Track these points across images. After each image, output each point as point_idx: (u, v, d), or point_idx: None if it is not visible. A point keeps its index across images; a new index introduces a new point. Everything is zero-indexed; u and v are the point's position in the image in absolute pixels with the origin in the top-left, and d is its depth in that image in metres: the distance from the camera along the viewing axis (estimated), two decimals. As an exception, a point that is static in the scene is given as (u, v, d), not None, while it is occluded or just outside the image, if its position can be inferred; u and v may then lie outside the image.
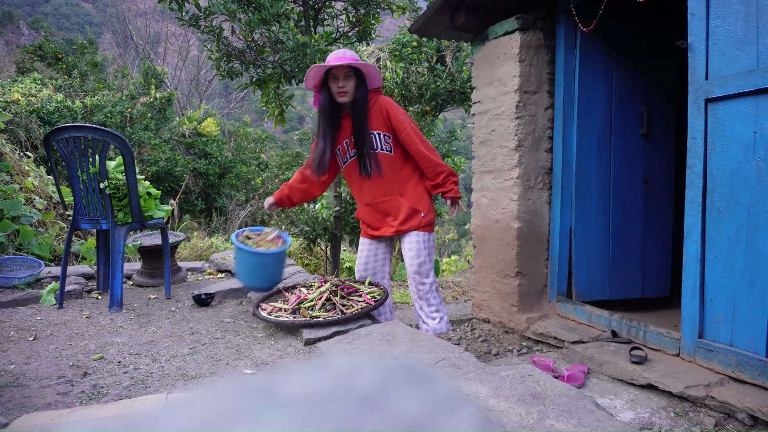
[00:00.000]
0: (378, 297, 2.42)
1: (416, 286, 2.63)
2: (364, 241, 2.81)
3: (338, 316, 2.18)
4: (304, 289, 2.51)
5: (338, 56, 2.45)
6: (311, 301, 2.29)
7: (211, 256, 4.45)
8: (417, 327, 2.86)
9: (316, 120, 2.61)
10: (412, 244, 2.59)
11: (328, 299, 2.29)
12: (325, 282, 2.57)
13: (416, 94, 7.07)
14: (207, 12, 3.88)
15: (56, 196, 5.26)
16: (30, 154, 6.39)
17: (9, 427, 1.53)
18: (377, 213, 2.65)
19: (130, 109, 10.71)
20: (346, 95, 2.46)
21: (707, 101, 2.31)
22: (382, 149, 2.54)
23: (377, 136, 2.53)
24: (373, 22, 4.55)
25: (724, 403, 2.07)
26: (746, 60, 2.14)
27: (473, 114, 3.61)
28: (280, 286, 2.79)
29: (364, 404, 0.27)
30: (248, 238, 2.66)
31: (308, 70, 2.42)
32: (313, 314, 2.17)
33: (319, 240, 5.61)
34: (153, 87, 12.45)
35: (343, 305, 2.22)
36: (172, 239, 3.74)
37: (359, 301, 2.38)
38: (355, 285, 2.58)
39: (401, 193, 2.58)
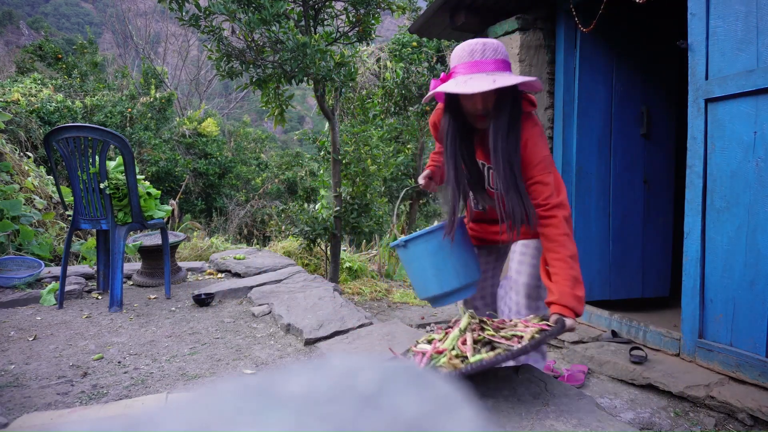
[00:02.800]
0: (547, 325, 1.58)
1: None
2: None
3: (512, 347, 1.41)
4: (424, 345, 1.63)
5: (474, 61, 1.62)
6: (452, 350, 1.47)
7: (211, 256, 4.45)
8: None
9: (443, 127, 1.80)
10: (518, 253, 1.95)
11: (479, 340, 1.50)
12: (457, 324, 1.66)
13: (416, 94, 7.07)
14: (207, 12, 3.88)
15: (56, 196, 5.26)
16: (30, 154, 6.39)
17: (9, 427, 1.53)
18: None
19: (130, 109, 10.71)
20: (485, 120, 1.73)
21: (707, 101, 2.31)
22: (492, 187, 1.90)
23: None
24: (373, 22, 4.55)
25: (724, 403, 2.07)
26: (746, 60, 2.14)
27: (473, 114, 3.61)
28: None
29: (364, 404, 0.27)
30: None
31: (433, 88, 1.70)
32: (472, 360, 1.40)
33: (319, 240, 5.61)
34: (153, 87, 12.45)
35: (506, 337, 1.47)
36: (172, 239, 3.74)
37: (523, 330, 1.54)
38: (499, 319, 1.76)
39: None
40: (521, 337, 1.48)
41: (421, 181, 2.09)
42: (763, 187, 2.11)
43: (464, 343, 1.47)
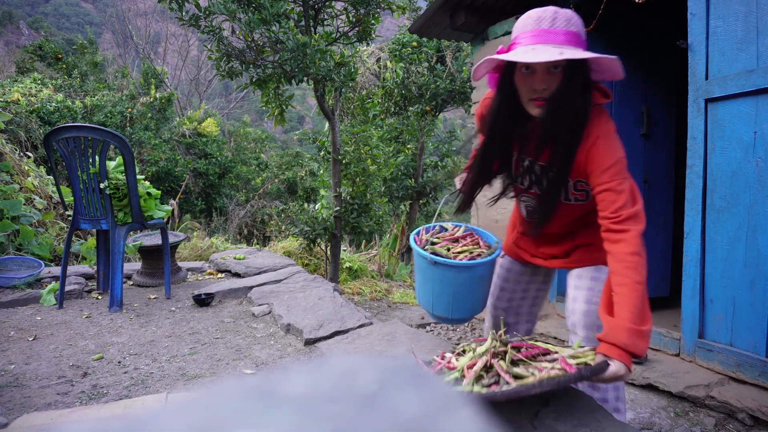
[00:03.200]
0: (590, 362, 1.30)
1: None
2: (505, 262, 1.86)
3: (509, 386, 1.21)
4: (449, 355, 1.43)
5: (541, 29, 1.33)
6: (458, 371, 1.31)
7: (211, 256, 4.46)
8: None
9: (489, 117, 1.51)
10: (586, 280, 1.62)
11: (489, 367, 1.30)
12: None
13: (416, 94, 7.07)
14: (207, 12, 3.88)
15: (56, 196, 5.26)
16: (30, 154, 6.39)
17: (9, 427, 1.53)
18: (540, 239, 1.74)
19: (130, 109, 10.72)
20: (543, 106, 1.38)
21: (707, 101, 2.31)
22: (567, 199, 1.54)
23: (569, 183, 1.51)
24: (373, 22, 4.55)
25: (724, 403, 2.07)
26: (746, 60, 2.14)
27: (473, 114, 3.61)
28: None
29: (364, 404, 0.27)
30: (432, 243, 1.72)
31: (483, 61, 1.39)
32: (465, 388, 1.26)
33: (319, 240, 5.61)
34: (153, 87, 12.45)
35: (516, 376, 1.26)
36: (172, 239, 3.74)
37: (552, 368, 1.27)
38: (544, 345, 1.42)
39: (576, 234, 1.66)
40: (533, 376, 1.23)
41: (458, 183, 1.75)
42: (763, 187, 2.11)
43: (470, 367, 1.27)
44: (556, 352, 1.29)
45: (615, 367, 1.23)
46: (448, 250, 1.67)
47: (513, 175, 1.59)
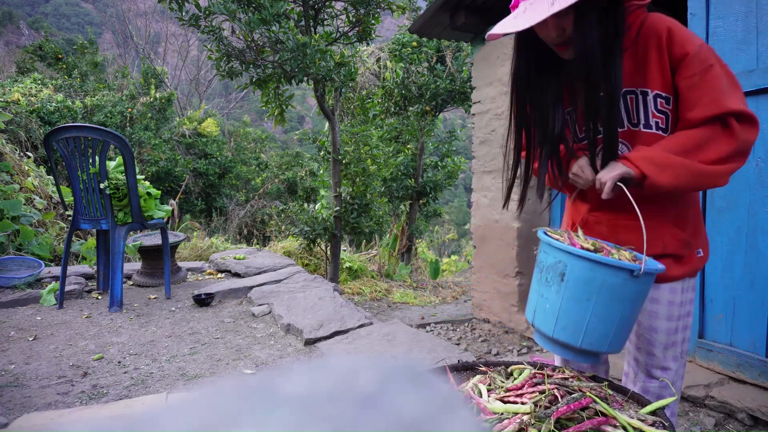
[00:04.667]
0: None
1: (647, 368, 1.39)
2: None
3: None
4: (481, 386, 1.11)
5: None
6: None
7: (211, 256, 4.45)
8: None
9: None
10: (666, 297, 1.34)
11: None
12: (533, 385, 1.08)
13: (416, 94, 7.07)
14: (207, 12, 3.88)
15: (56, 196, 5.26)
16: (30, 154, 6.39)
17: (9, 427, 1.53)
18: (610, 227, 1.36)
19: (130, 109, 10.72)
20: (567, 49, 1.21)
21: (707, 101, 2.31)
22: (647, 125, 1.24)
23: (643, 97, 1.22)
24: (373, 22, 4.55)
25: (724, 403, 2.07)
26: (746, 60, 2.14)
27: (473, 114, 3.61)
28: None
29: (364, 404, 0.27)
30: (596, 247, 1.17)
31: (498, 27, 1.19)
32: None
33: (319, 240, 5.61)
34: (153, 87, 12.46)
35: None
36: (172, 239, 3.74)
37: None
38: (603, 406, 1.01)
39: (666, 213, 1.30)
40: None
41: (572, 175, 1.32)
42: (763, 187, 2.11)
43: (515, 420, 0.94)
44: (614, 418, 0.97)
45: (620, 169, 1.16)
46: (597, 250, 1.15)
47: (574, 132, 1.31)
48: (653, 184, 1.15)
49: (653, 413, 1.04)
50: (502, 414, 0.96)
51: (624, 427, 0.93)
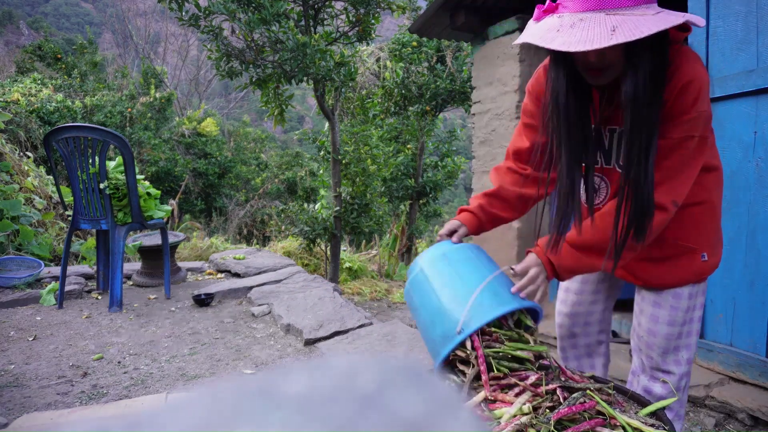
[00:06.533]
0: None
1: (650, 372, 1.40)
2: None
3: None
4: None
5: None
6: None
7: (211, 256, 4.46)
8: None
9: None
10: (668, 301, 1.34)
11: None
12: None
13: (416, 94, 7.07)
14: (207, 12, 3.88)
15: (56, 196, 5.26)
16: (30, 154, 6.39)
17: (9, 427, 1.53)
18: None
19: (129, 109, 10.72)
20: (602, 75, 1.12)
21: (707, 101, 2.31)
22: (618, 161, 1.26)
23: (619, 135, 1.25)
24: (373, 21, 4.55)
25: (724, 403, 2.07)
26: (746, 60, 2.14)
27: (473, 114, 3.61)
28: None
29: (364, 404, 0.27)
30: None
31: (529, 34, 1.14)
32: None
33: (319, 240, 5.61)
34: (153, 87, 12.46)
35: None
36: (171, 239, 3.74)
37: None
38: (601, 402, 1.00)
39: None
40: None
41: (443, 232, 1.37)
42: (763, 187, 2.11)
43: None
44: (614, 418, 0.96)
45: (532, 258, 1.20)
46: None
47: (593, 152, 1.24)
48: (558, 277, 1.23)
49: (654, 414, 1.03)
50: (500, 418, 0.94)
51: (623, 428, 0.94)
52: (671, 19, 0.97)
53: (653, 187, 1.10)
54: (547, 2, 1.12)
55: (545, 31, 1.07)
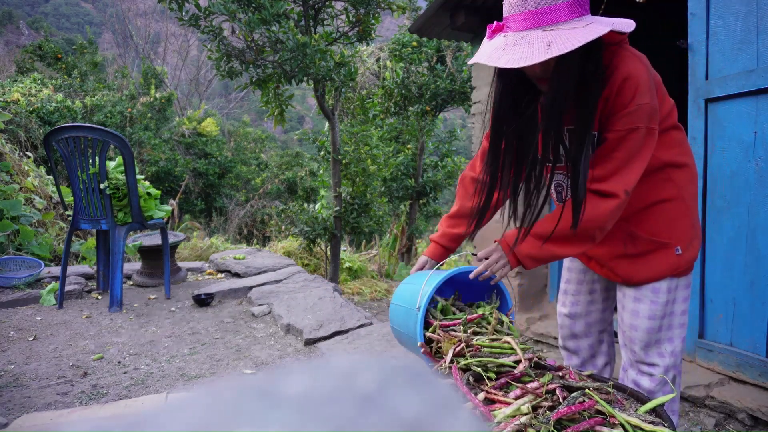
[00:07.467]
0: None
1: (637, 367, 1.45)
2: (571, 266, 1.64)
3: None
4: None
5: (528, 12, 1.18)
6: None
7: (211, 256, 4.45)
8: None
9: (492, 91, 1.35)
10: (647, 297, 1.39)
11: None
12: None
13: (416, 94, 7.07)
14: (207, 12, 3.88)
15: (56, 196, 5.26)
16: (30, 154, 6.39)
17: (9, 427, 1.53)
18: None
19: (130, 109, 10.72)
20: (546, 84, 1.24)
21: (707, 101, 2.31)
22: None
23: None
24: (373, 22, 4.55)
25: (724, 403, 2.07)
26: (746, 60, 2.14)
27: (473, 114, 3.61)
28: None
29: (363, 404, 0.27)
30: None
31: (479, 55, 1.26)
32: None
33: (319, 240, 5.61)
34: (153, 87, 12.46)
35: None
36: (171, 239, 3.74)
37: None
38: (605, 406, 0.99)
39: (628, 219, 1.36)
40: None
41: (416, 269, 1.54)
42: (763, 187, 2.11)
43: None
44: (613, 416, 0.96)
45: (493, 246, 1.34)
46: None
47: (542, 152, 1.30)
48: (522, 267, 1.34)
49: (653, 410, 1.04)
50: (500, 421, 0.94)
51: (623, 426, 0.94)
52: (599, 29, 1.10)
53: (585, 179, 1.20)
54: (495, 22, 1.29)
55: (493, 50, 1.20)
